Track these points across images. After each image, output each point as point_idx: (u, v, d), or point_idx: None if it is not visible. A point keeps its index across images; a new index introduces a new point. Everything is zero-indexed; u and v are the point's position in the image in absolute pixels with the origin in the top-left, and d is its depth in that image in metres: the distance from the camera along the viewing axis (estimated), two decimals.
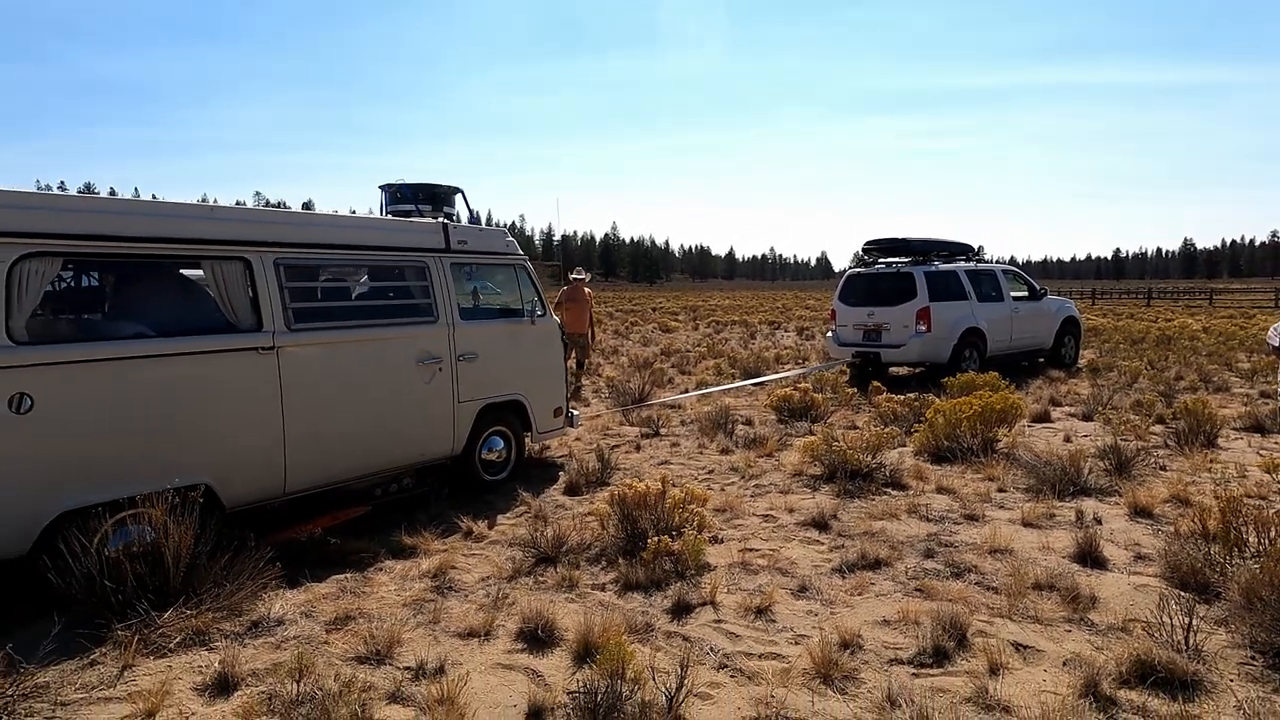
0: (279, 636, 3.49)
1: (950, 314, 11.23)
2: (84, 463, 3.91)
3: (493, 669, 3.24)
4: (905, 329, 11.15)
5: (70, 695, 2.98)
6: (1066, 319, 13.21)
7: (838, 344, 12.13)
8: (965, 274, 11.76)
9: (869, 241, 12.19)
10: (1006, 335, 12.09)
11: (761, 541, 4.84)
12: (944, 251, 12.21)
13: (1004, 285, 12.30)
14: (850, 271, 12.43)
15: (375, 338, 5.40)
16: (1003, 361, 11.89)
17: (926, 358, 11.23)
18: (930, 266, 11.53)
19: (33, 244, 3.85)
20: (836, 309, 12.23)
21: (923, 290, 11.07)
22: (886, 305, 11.40)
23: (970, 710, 2.89)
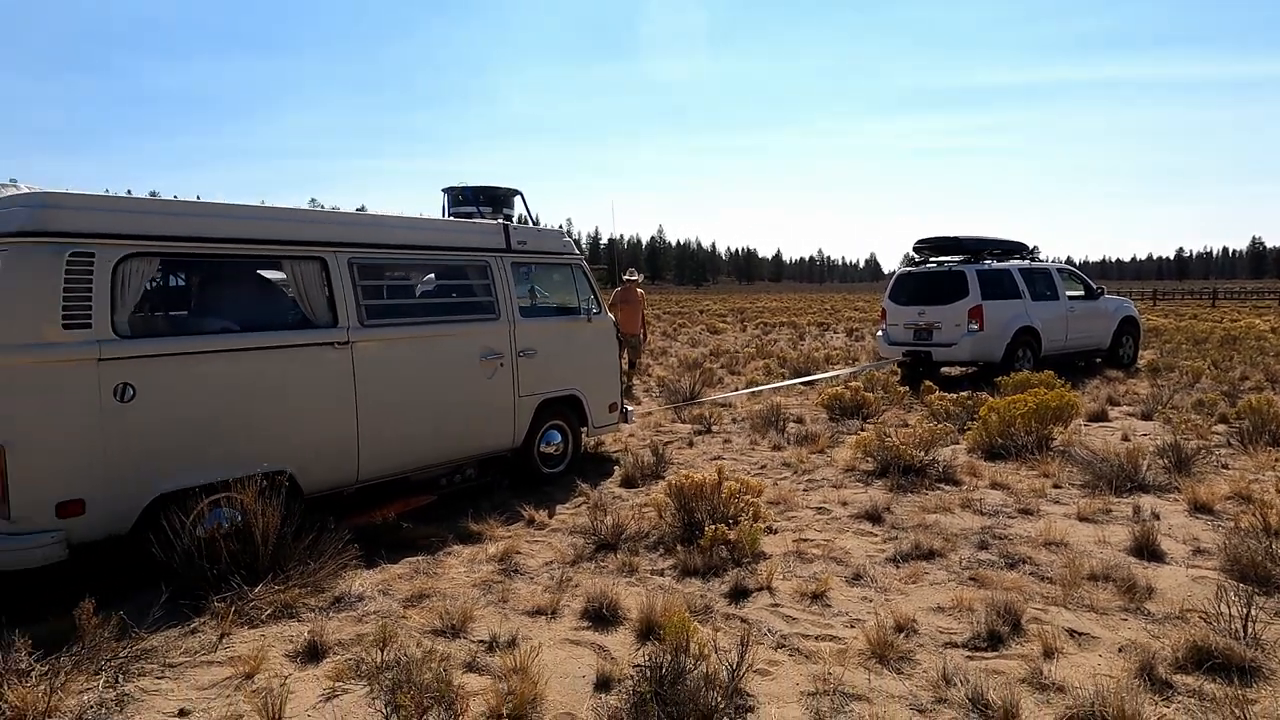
0: (360, 611, 3.72)
1: (1003, 313, 11.13)
2: (179, 448, 4.19)
3: (561, 644, 3.41)
4: (957, 328, 11.08)
5: (176, 658, 3.23)
6: (1125, 319, 12.96)
7: (888, 343, 12.10)
8: (1019, 273, 11.63)
9: (920, 240, 12.14)
10: (1062, 334, 11.93)
11: (815, 532, 4.94)
12: (997, 250, 12.09)
13: (1059, 284, 12.13)
14: (901, 270, 12.38)
15: (441, 334, 5.64)
16: (1059, 361, 11.73)
17: (979, 356, 11.14)
18: (983, 265, 11.44)
19: (133, 245, 4.15)
20: (887, 308, 12.19)
21: (975, 289, 11.00)
22: (938, 304, 11.34)
23: (1025, 690, 2.97)
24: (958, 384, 11.04)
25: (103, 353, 3.95)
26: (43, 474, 3.78)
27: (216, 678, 3.10)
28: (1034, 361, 11.27)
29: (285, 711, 2.80)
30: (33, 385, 3.80)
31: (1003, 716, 2.76)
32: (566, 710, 2.87)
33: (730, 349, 18.09)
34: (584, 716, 2.83)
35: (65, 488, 3.85)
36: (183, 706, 2.88)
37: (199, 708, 2.88)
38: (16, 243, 3.87)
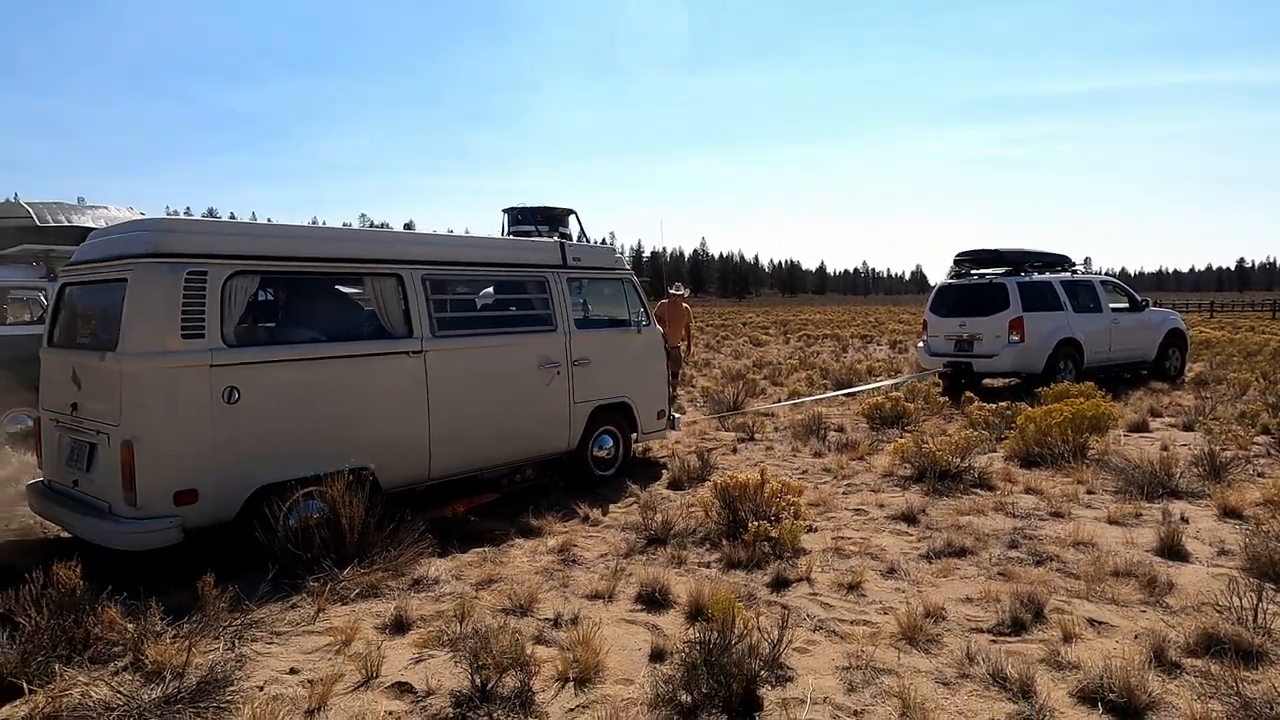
0: (437, 592, 4.14)
1: (1045, 324, 11.25)
2: (276, 446, 4.68)
3: (617, 623, 3.78)
4: (998, 339, 11.24)
5: (281, 628, 3.69)
6: (1171, 331, 12.95)
7: (929, 354, 12.28)
8: (1061, 285, 11.75)
9: (961, 252, 12.31)
10: (1105, 346, 11.98)
11: (853, 531, 5.24)
12: (1038, 262, 12.21)
13: (1102, 296, 12.19)
14: (942, 283, 12.55)
15: (504, 344, 6.09)
16: (1104, 373, 11.79)
17: (1020, 368, 11.28)
18: (1023, 277, 11.58)
19: (239, 264, 4.67)
20: (928, 320, 12.39)
21: (1015, 300, 11.15)
22: (979, 315, 11.51)
23: (1042, 668, 3.25)
24: (999, 395, 11.17)
25: (214, 359, 4.46)
26: (163, 466, 4.30)
27: (317, 645, 3.54)
28: (1076, 373, 11.34)
29: (381, 671, 3.23)
30: (157, 388, 4.32)
31: (1019, 689, 3.06)
32: (625, 676, 3.24)
33: (773, 360, 18.34)
34: (641, 681, 3.20)
35: (182, 478, 4.35)
36: (292, 666, 3.32)
37: (306, 667, 3.31)
38: (143, 263, 4.41)
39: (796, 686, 3.16)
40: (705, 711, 2.93)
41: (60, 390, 4.94)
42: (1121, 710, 2.90)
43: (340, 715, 2.91)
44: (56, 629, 3.20)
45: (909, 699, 2.98)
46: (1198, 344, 19.65)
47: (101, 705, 2.87)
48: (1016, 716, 2.89)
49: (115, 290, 4.60)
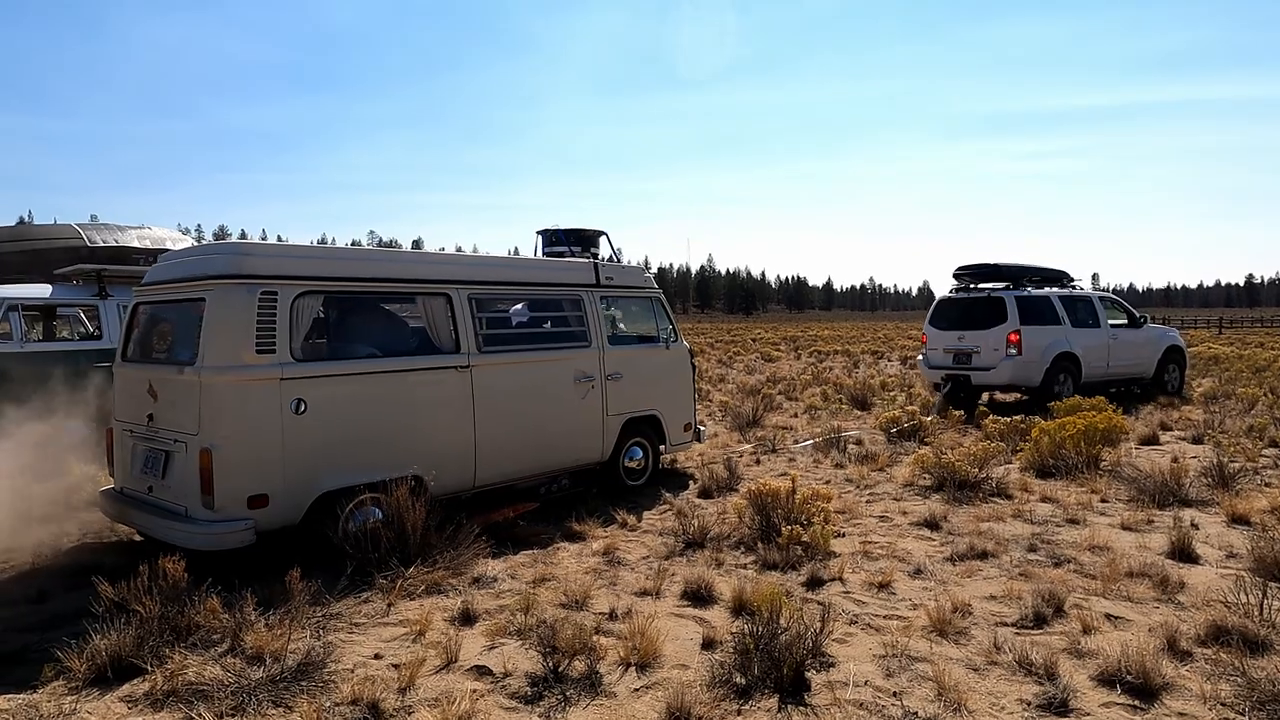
0: (496, 589, 4.45)
1: (1042, 338, 11.48)
2: (338, 454, 5.00)
3: (667, 617, 4.08)
4: (996, 352, 11.47)
5: (358, 620, 4.00)
6: (1170, 348, 13.20)
7: (928, 367, 12.52)
8: (1059, 299, 12.00)
9: (960, 267, 12.57)
10: (1103, 362, 12.24)
11: (879, 537, 5.53)
12: (1036, 277, 12.46)
13: (1100, 312, 12.45)
14: (941, 296, 12.82)
15: (542, 359, 6.42)
16: (1103, 388, 11.98)
17: (1018, 380, 11.50)
18: (1022, 291, 11.84)
19: (305, 285, 5.02)
20: (928, 333, 12.61)
21: (1013, 314, 11.39)
22: (977, 329, 11.74)
23: (1063, 656, 3.53)
24: (1008, 410, 11.43)
25: (283, 373, 4.80)
26: (238, 472, 4.62)
27: (394, 634, 3.85)
28: (1074, 387, 11.55)
29: (459, 656, 3.53)
30: (233, 399, 4.66)
31: (1044, 673, 3.35)
32: (681, 662, 3.54)
33: (786, 376, 18.63)
34: (696, 666, 3.50)
35: (254, 483, 4.68)
36: (376, 652, 3.63)
37: (388, 653, 3.62)
38: (221, 284, 4.77)
39: (839, 671, 3.45)
40: (758, 692, 3.22)
41: (136, 402, 5.28)
42: (1138, 690, 3.18)
43: (430, 692, 3.22)
44: (165, 617, 3.51)
45: (944, 682, 3.27)
46: (1206, 360, 19.90)
47: (215, 683, 3.19)
48: (1043, 696, 3.18)
49: (192, 309, 4.96)
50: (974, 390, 12.11)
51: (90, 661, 3.32)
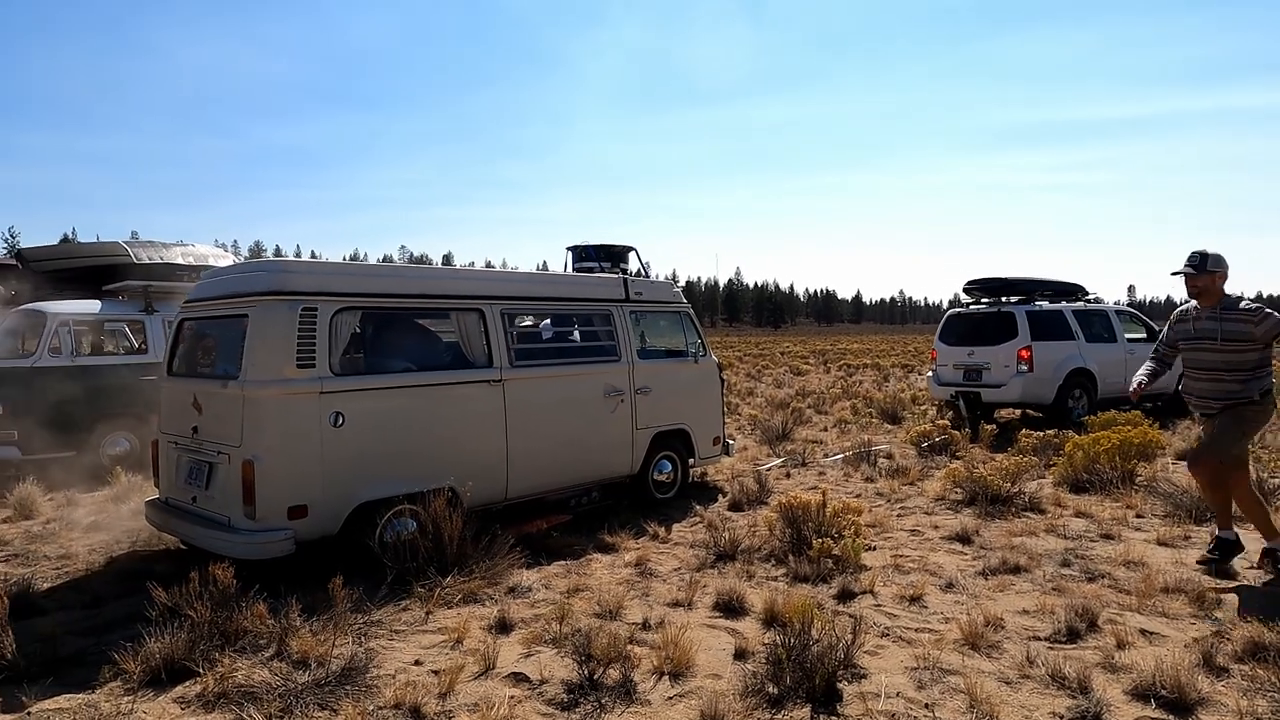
0: (531, 599, 4.53)
1: (1054, 354, 11.24)
2: (376, 465, 5.13)
3: (699, 627, 4.13)
4: (1006, 368, 11.21)
5: (398, 627, 4.10)
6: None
7: (938, 384, 12.28)
8: (1072, 314, 11.74)
9: (971, 281, 12.38)
10: (1120, 377, 11.86)
11: (910, 550, 5.53)
12: (1049, 291, 12.22)
13: (1117, 326, 12.17)
14: (951, 311, 12.68)
15: (573, 373, 6.51)
16: (1120, 405, 11.69)
17: (1029, 397, 11.25)
18: (1033, 306, 11.63)
19: (344, 301, 5.17)
20: (937, 349, 12.39)
21: (1024, 329, 11.16)
22: (987, 344, 11.51)
23: (1097, 671, 3.53)
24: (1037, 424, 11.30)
25: (323, 387, 4.94)
26: (279, 483, 4.76)
27: (433, 641, 3.94)
28: (1090, 404, 11.30)
29: (497, 663, 3.61)
30: (275, 412, 4.81)
31: (1077, 687, 3.34)
32: (714, 671, 3.59)
33: (815, 389, 18.58)
34: (729, 675, 3.54)
35: (294, 494, 4.81)
36: (416, 658, 3.72)
37: (428, 660, 3.71)
38: (263, 300, 4.93)
39: (870, 683, 3.48)
40: (790, 701, 3.26)
41: (181, 415, 5.45)
42: (1173, 705, 3.18)
43: (469, 698, 3.30)
44: (214, 622, 3.64)
45: (976, 694, 3.28)
46: None
47: (264, 686, 3.30)
48: (1075, 709, 3.18)
49: (235, 325, 5.12)
50: (985, 407, 11.86)
51: (145, 664, 3.45)
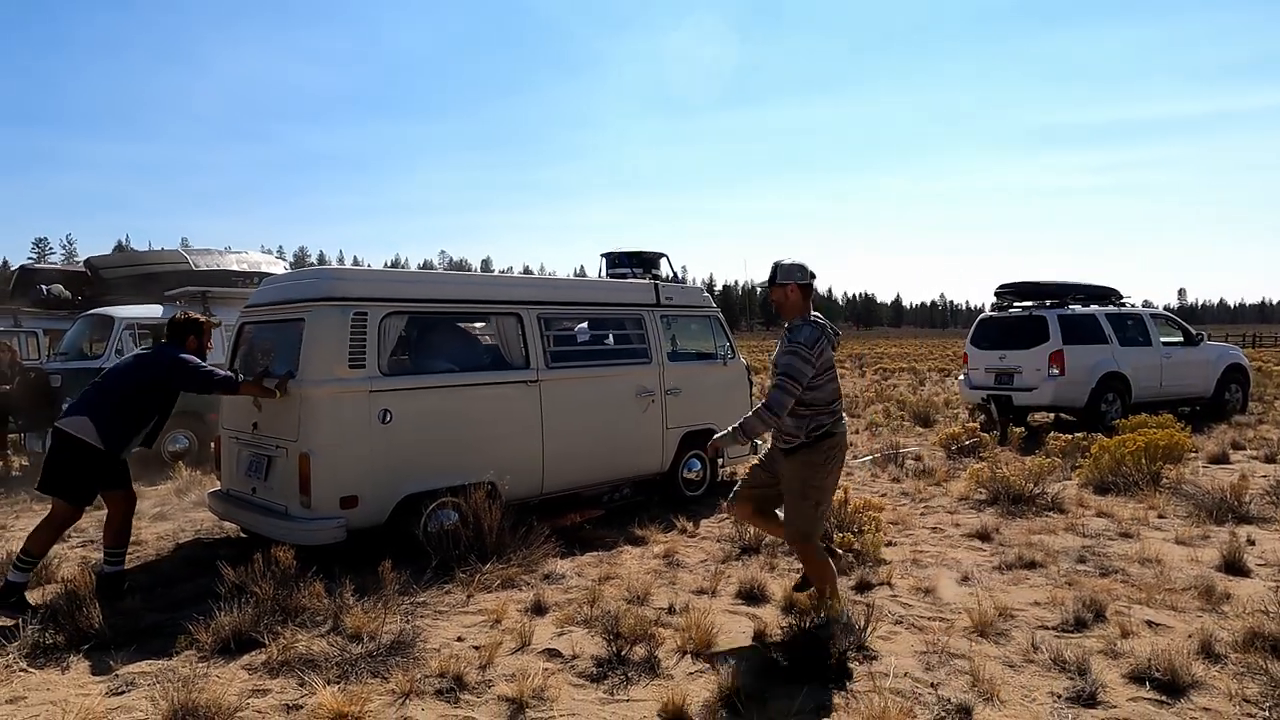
0: (565, 585, 4.84)
1: (1087, 358, 11.26)
2: (419, 461, 5.47)
3: (722, 613, 4.39)
4: (1038, 372, 11.24)
5: (441, 608, 4.43)
6: (1230, 366, 12.79)
7: (969, 387, 12.35)
8: (1105, 317, 11.74)
9: (1001, 285, 12.43)
10: (1155, 381, 11.90)
11: (930, 546, 5.72)
12: (1081, 295, 12.22)
13: (1152, 330, 12.14)
14: (983, 315, 12.73)
15: (606, 375, 6.81)
16: (1156, 408, 11.54)
17: (1061, 401, 11.27)
18: (1065, 310, 11.64)
19: (392, 306, 5.53)
20: (969, 353, 12.46)
21: (1056, 333, 11.18)
22: (1018, 348, 11.55)
23: (1098, 657, 3.71)
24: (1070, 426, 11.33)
25: (373, 386, 5.30)
26: (333, 474, 5.12)
27: (474, 621, 4.26)
28: (1123, 408, 11.30)
29: (532, 640, 3.92)
30: (329, 409, 5.17)
31: (1076, 670, 3.54)
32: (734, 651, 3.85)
33: (849, 393, 18.66)
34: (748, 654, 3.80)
35: (346, 486, 5.17)
36: (459, 635, 4.04)
37: (469, 637, 4.03)
38: (318, 305, 5.30)
39: (881, 664, 3.71)
40: (804, 678, 3.51)
41: (241, 412, 5.85)
42: (1166, 687, 3.36)
43: (507, 669, 3.61)
44: (276, 599, 4.00)
45: (979, 675, 3.50)
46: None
47: (322, 655, 3.64)
48: (1073, 690, 3.38)
49: (292, 328, 5.51)
50: (1017, 411, 11.86)
51: (215, 635, 3.81)
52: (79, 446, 4.54)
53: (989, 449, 9.49)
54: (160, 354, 4.89)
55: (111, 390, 4.69)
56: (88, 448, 4.55)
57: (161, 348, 4.98)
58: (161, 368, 4.80)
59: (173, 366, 4.81)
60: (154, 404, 4.83)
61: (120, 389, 4.70)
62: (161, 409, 4.92)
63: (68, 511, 4.66)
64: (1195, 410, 12.86)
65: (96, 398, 4.67)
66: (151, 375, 4.79)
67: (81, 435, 4.54)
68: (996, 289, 12.53)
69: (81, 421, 4.56)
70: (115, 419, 4.63)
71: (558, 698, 3.38)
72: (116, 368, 4.88)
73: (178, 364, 4.82)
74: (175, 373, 4.81)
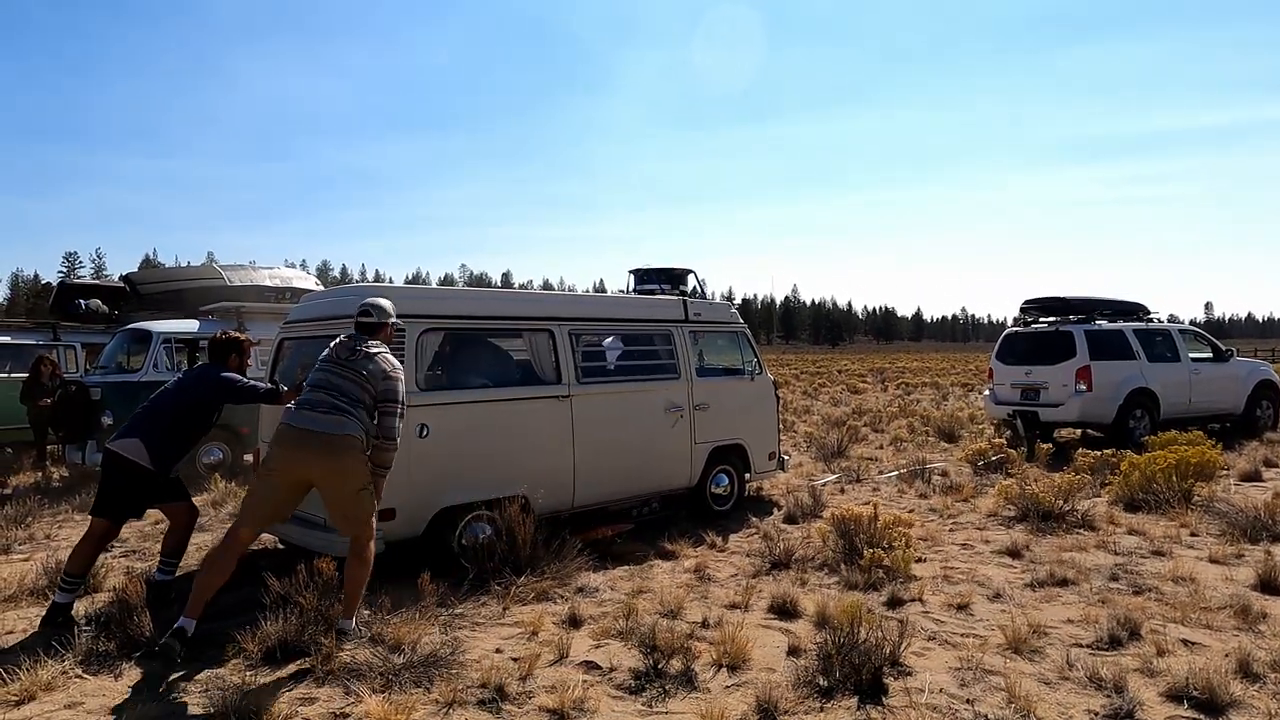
0: (599, 598, 4.90)
1: (1114, 374, 11.17)
2: (455, 474, 5.57)
3: (755, 627, 4.43)
4: (1064, 388, 11.17)
5: (478, 620, 4.51)
6: (1261, 383, 12.63)
7: (995, 403, 12.27)
8: (1133, 333, 11.67)
9: (1027, 301, 12.38)
10: (1184, 398, 11.80)
11: (960, 563, 5.73)
12: (1108, 310, 12.16)
13: (1181, 346, 12.03)
14: (1008, 330, 12.68)
15: (635, 390, 6.89)
16: (1185, 425, 11.37)
17: (1088, 418, 11.19)
18: (1092, 325, 11.57)
19: (429, 322, 5.65)
20: (994, 368, 12.39)
21: (1082, 349, 11.11)
22: (1044, 364, 11.49)
23: (1134, 675, 3.72)
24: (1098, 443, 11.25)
25: (411, 401, 5.40)
26: None
27: (510, 633, 4.33)
28: (1152, 425, 11.19)
29: (570, 652, 3.98)
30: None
31: (1113, 688, 3.55)
32: (768, 666, 3.90)
33: (872, 408, 18.62)
34: (782, 669, 3.84)
35: (385, 498, 5.22)
36: (497, 647, 4.12)
37: (507, 648, 4.10)
38: None
39: (915, 680, 3.74)
40: (840, 692, 3.55)
41: None
42: (1204, 706, 3.37)
43: (546, 681, 3.68)
44: (319, 609, 4.09)
45: (1015, 692, 3.52)
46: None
47: (366, 665, 3.73)
48: (1109, 707, 3.39)
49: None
50: (1044, 427, 11.77)
51: (262, 644, 3.91)
52: (130, 468, 4.68)
53: (1016, 465, 9.46)
54: (204, 374, 5.03)
55: (162, 413, 4.83)
56: (139, 469, 4.68)
57: (204, 368, 5.11)
58: (207, 387, 4.94)
59: (217, 385, 4.94)
60: (202, 423, 4.97)
61: (171, 411, 4.84)
62: (207, 427, 5.07)
63: (106, 527, 4.80)
64: (1225, 427, 12.73)
65: (147, 421, 4.81)
66: (198, 395, 4.92)
67: (134, 457, 4.67)
68: (1022, 304, 12.50)
69: (134, 444, 4.70)
70: (166, 441, 4.78)
71: (597, 709, 3.45)
72: (165, 390, 5.02)
73: (222, 383, 4.95)
74: (220, 391, 4.94)
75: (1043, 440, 11.01)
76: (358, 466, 4.15)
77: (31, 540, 6.71)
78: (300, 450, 4.08)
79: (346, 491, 4.13)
